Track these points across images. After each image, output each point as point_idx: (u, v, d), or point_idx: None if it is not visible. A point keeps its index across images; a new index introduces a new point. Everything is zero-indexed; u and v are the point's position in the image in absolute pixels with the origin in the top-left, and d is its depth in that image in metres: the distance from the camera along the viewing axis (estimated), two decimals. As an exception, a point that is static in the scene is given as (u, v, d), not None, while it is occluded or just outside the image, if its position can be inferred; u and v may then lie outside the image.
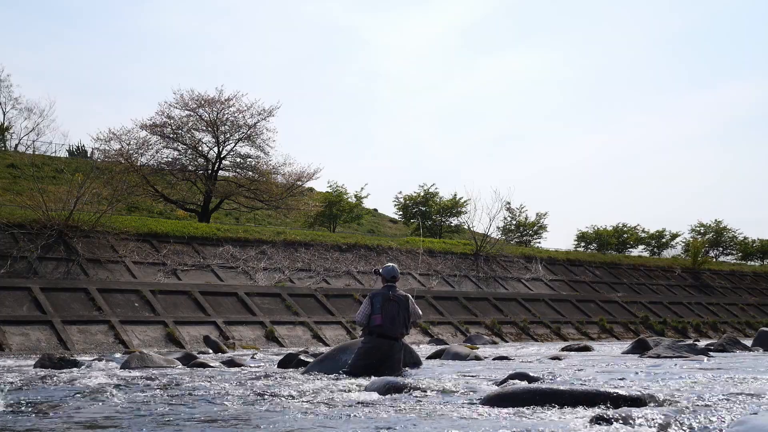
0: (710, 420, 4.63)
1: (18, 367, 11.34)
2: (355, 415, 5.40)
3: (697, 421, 4.61)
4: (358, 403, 6.14)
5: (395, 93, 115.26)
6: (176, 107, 31.44)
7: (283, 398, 6.55)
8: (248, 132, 32.03)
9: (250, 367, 11.07)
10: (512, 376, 7.87)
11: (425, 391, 6.84)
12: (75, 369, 10.34)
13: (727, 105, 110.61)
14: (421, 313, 9.75)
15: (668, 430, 4.47)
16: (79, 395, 6.76)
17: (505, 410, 5.45)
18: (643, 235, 47.88)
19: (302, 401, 6.31)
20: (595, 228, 47.28)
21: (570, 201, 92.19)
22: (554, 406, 5.44)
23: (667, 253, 47.13)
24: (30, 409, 5.86)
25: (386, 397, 6.50)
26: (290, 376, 9.10)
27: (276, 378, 8.76)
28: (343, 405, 6.00)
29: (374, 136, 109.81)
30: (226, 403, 6.27)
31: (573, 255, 35.13)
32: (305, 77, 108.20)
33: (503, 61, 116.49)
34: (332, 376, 8.84)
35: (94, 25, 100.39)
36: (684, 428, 4.48)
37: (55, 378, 8.69)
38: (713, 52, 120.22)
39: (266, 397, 6.68)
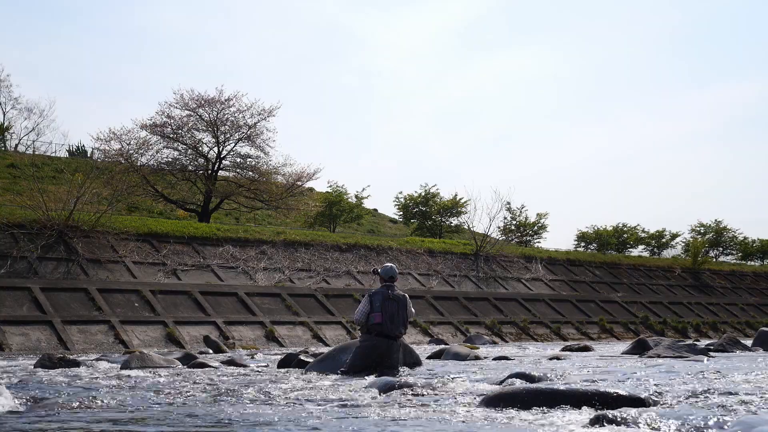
0: (710, 420, 4.63)
1: (18, 367, 11.33)
2: (354, 415, 5.40)
3: (697, 421, 4.61)
4: (358, 403, 6.14)
5: (393, 92, 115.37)
6: (176, 107, 31.51)
7: (282, 398, 6.55)
8: (248, 132, 32.04)
9: (250, 367, 11.07)
10: (512, 376, 7.87)
11: (425, 391, 6.84)
12: (75, 369, 10.33)
13: (727, 104, 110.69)
14: (414, 311, 9.92)
15: (668, 430, 4.47)
16: (79, 395, 6.76)
17: (504, 410, 5.45)
18: (643, 235, 47.86)
19: (301, 401, 6.32)
20: (595, 228, 47.25)
21: (570, 201, 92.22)
22: (554, 407, 5.43)
23: (667, 253, 47.13)
24: (30, 410, 5.85)
25: (385, 396, 6.50)
26: (290, 376, 9.10)
27: (276, 378, 8.76)
28: (343, 405, 6.00)
29: (373, 136, 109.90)
30: (225, 403, 6.27)
31: (573, 255, 35.13)
32: (303, 76, 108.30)
33: (501, 60, 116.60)
34: (332, 376, 8.85)
35: (94, 24, 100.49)
36: (684, 428, 4.48)
37: (55, 378, 8.69)
38: (713, 50, 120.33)
39: (266, 397, 6.69)
